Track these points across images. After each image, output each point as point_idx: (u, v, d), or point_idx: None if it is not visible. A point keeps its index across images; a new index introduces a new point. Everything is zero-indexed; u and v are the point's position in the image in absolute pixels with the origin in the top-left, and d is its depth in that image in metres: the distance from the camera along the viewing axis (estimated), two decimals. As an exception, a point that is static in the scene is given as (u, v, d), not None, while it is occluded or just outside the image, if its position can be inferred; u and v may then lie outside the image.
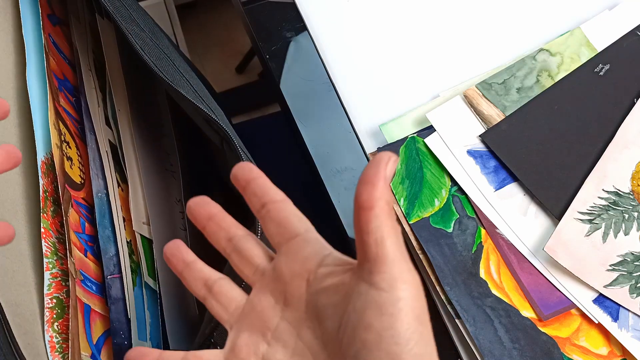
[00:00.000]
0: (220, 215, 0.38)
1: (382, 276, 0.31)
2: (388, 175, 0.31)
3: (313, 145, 0.63)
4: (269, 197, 0.36)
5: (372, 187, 0.31)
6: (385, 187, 0.31)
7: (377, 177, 0.31)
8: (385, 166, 0.31)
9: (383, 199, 0.31)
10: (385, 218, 0.31)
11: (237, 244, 0.37)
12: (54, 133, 0.49)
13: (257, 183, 0.36)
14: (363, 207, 0.31)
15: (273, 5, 0.69)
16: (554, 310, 0.55)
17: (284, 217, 0.35)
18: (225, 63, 1.53)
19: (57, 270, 0.47)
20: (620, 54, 0.62)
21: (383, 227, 0.31)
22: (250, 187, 0.36)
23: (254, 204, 0.36)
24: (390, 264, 0.31)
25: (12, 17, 0.52)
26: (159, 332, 0.51)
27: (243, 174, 0.36)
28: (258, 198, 0.36)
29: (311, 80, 0.66)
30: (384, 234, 0.31)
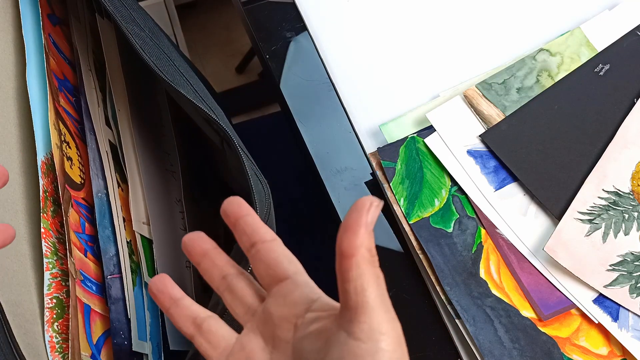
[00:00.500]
0: (214, 252, 0.37)
1: (361, 326, 0.30)
2: (369, 222, 0.31)
3: (313, 145, 0.63)
4: (258, 236, 0.35)
5: (353, 235, 0.30)
6: (366, 234, 0.31)
7: (358, 224, 0.30)
8: (366, 213, 0.31)
9: (363, 246, 0.31)
10: (366, 266, 0.31)
11: (230, 282, 0.37)
12: (54, 133, 0.49)
13: (246, 221, 0.35)
14: (343, 255, 0.31)
15: (273, 5, 0.69)
16: (554, 310, 0.55)
17: (274, 258, 0.35)
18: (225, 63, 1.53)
19: (57, 270, 0.47)
20: (620, 54, 0.62)
21: (363, 275, 0.30)
22: (239, 225, 0.36)
23: (243, 243, 0.36)
24: (369, 313, 0.30)
25: (12, 17, 0.52)
26: (159, 332, 0.51)
27: (232, 210, 0.36)
28: (247, 237, 0.35)
29: (311, 80, 0.66)
30: (364, 282, 0.30)
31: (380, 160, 0.60)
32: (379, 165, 0.60)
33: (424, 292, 0.57)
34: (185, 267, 0.55)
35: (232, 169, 0.52)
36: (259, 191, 0.44)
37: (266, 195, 0.45)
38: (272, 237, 0.35)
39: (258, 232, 0.35)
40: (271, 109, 1.31)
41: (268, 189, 0.46)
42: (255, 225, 0.35)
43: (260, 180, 0.46)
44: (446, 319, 0.56)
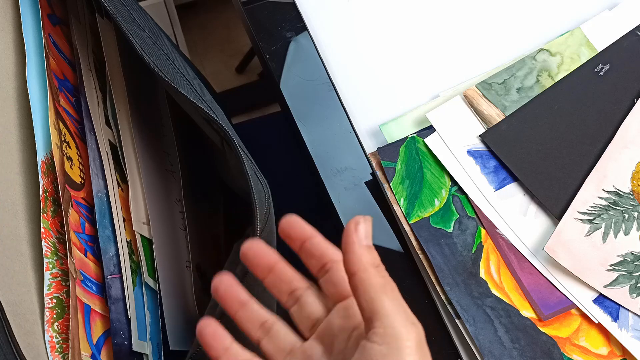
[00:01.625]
0: (280, 266, 0.38)
1: (377, 331, 0.32)
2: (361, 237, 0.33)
3: (313, 145, 0.63)
4: (327, 258, 0.37)
5: (349, 255, 0.33)
6: (362, 249, 0.33)
7: (350, 244, 0.33)
8: (355, 232, 0.33)
9: (362, 261, 0.33)
10: (371, 278, 0.33)
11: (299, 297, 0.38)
12: (54, 133, 0.49)
13: (313, 243, 0.37)
14: (348, 274, 0.33)
15: (273, 5, 0.69)
16: (554, 310, 0.55)
17: (341, 276, 0.36)
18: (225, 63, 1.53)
19: (57, 270, 0.47)
20: (620, 54, 0.62)
21: (370, 287, 0.33)
22: (306, 248, 0.37)
23: (312, 266, 0.37)
24: (383, 319, 0.32)
25: (12, 17, 0.52)
26: (159, 332, 0.51)
27: (296, 233, 0.37)
28: (317, 259, 0.37)
29: (311, 80, 0.66)
30: (372, 292, 0.33)
31: (380, 160, 0.60)
32: (379, 165, 0.60)
33: (424, 292, 0.57)
34: (186, 267, 0.56)
35: (232, 169, 0.52)
36: (259, 191, 0.44)
37: (266, 196, 0.45)
38: (340, 257, 0.37)
39: (327, 253, 0.37)
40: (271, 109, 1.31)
41: (268, 189, 0.46)
42: (322, 247, 0.37)
43: (260, 180, 0.46)
44: (446, 319, 0.56)
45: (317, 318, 0.37)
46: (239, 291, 0.38)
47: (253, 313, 0.37)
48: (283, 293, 0.38)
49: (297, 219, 0.37)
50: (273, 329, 0.37)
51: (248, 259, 0.38)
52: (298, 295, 0.38)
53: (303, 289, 0.38)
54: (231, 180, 0.61)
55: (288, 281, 0.38)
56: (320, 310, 0.37)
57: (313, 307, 0.37)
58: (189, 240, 0.57)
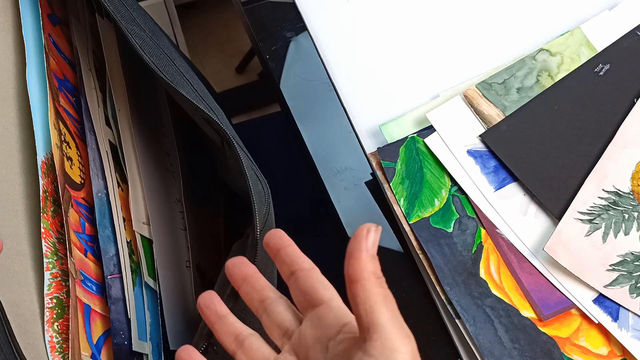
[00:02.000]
0: (254, 277, 0.40)
1: (374, 344, 0.32)
2: (370, 246, 0.33)
3: (313, 145, 0.63)
4: (297, 265, 0.37)
5: (355, 261, 0.33)
6: (368, 258, 0.33)
7: (359, 250, 0.33)
8: (365, 239, 0.33)
9: (367, 269, 0.33)
10: (372, 288, 0.33)
11: (268, 306, 0.39)
12: (54, 133, 0.49)
13: (287, 251, 0.38)
14: (350, 281, 0.33)
15: (273, 5, 0.69)
16: (554, 310, 0.55)
17: (311, 285, 0.37)
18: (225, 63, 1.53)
19: (57, 270, 0.47)
20: (620, 54, 0.62)
21: (371, 297, 0.33)
22: (280, 255, 0.38)
23: (283, 271, 0.38)
24: (381, 332, 0.32)
25: (12, 17, 0.52)
26: (159, 332, 0.51)
27: (274, 242, 0.38)
28: (287, 266, 0.38)
29: (311, 80, 0.66)
30: (372, 303, 0.32)
31: (380, 160, 0.60)
32: (379, 165, 0.60)
33: (424, 292, 0.57)
34: (186, 267, 0.56)
35: (232, 169, 0.52)
36: (259, 191, 0.44)
37: (265, 196, 0.45)
38: (310, 266, 0.38)
39: (297, 261, 0.37)
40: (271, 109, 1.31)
41: (268, 189, 0.46)
42: (294, 255, 0.38)
43: (260, 180, 0.46)
44: (446, 319, 0.56)
45: (287, 327, 0.38)
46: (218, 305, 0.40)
47: (229, 326, 0.39)
48: (254, 301, 0.39)
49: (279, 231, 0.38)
50: (246, 342, 0.38)
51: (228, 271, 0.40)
52: (268, 304, 0.39)
53: (273, 298, 0.39)
54: (231, 180, 0.61)
55: (260, 289, 0.39)
56: (290, 320, 0.38)
57: (283, 316, 0.38)
58: (189, 240, 0.57)
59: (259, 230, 0.43)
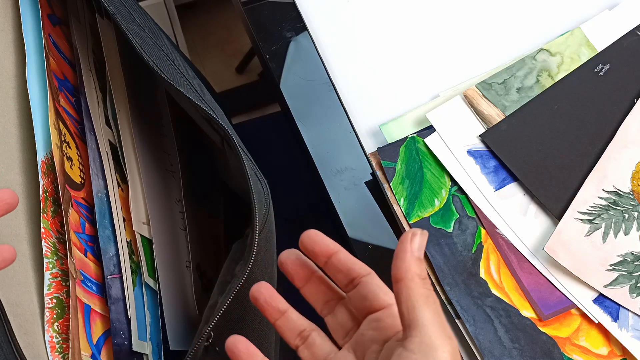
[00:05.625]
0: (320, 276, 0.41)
1: (413, 340, 0.34)
2: (415, 249, 0.35)
3: (313, 145, 0.63)
4: (355, 273, 0.38)
5: (400, 262, 0.35)
6: (412, 259, 0.35)
7: (404, 252, 0.35)
8: (410, 242, 0.35)
9: (411, 270, 0.34)
10: (415, 287, 0.34)
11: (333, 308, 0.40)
12: (54, 133, 0.49)
13: (340, 259, 0.39)
14: (394, 280, 0.35)
15: (273, 5, 0.69)
16: (554, 310, 0.55)
17: (371, 290, 0.38)
18: (225, 63, 1.53)
19: (57, 270, 0.47)
20: (620, 54, 0.62)
21: (412, 296, 0.34)
22: (332, 263, 0.39)
23: (339, 280, 0.39)
24: (420, 329, 0.33)
25: (12, 17, 0.52)
26: (159, 332, 0.51)
27: (320, 249, 0.39)
28: (344, 274, 0.39)
29: (311, 80, 0.66)
30: (414, 302, 0.34)
31: (380, 160, 0.60)
32: (379, 165, 0.60)
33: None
34: (186, 267, 0.56)
35: (232, 169, 0.52)
36: (259, 191, 0.44)
37: (265, 195, 0.45)
38: (367, 271, 0.39)
39: (354, 268, 0.38)
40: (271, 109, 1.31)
41: (267, 189, 0.46)
42: (349, 262, 0.38)
43: (259, 180, 0.46)
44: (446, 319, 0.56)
45: (349, 328, 0.39)
46: (279, 301, 0.40)
47: (291, 322, 0.40)
48: (319, 302, 0.40)
49: (318, 234, 0.39)
50: (310, 337, 0.39)
51: (286, 269, 0.40)
52: (332, 305, 0.40)
53: (337, 300, 0.40)
54: (231, 180, 0.61)
55: (324, 291, 0.40)
56: (350, 321, 0.40)
57: (344, 317, 0.40)
58: (189, 240, 0.57)
59: (259, 230, 0.43)
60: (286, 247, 0.40)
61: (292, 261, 0.40)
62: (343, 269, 0.38)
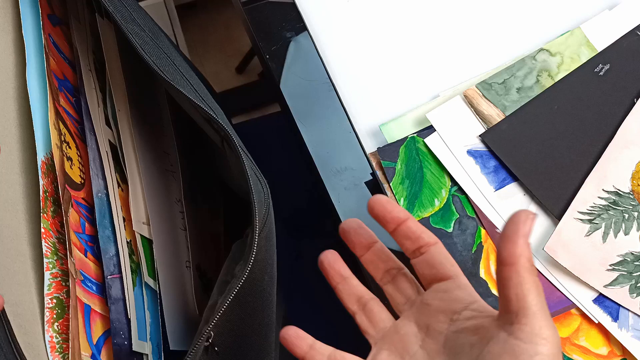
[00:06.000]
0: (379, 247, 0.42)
1: (522, 327, 0.33)
2: (527, 233, 0.33)
3: (313, 145, 0.63)
4: (423, 240, 0.39)
5: (513, 245, 0.33)
6: (525, 244, 0.33)
7: (517, 235, 0.33)
8: (524, 224, 0.33)
9: (524, 255, 0.33)
10: (526, 274, 0.33)
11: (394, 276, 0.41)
12: (54, 133, 0.49)
13: (409, 225, 0.39)
14: (504, 263, 0.33)
15: (273, 5, 0.69)
16: (554, 310, 0.55)
17: (439, 260, 0.39)
18: (225, 63, 1.53)
19: (57, 270, 0.47)
20: (620, 54, 0.62)
21: (524, 283, 0.33)
22: (401, 230, 0.39)
23: (406, 247, 0.39)
24: (530, 317, 0.33)
25: (12, 17, 0.52)
26: (159, 332, 0.51)
27: (392, 217, 0.39)
28: (412, 241, 0.39)
29: (311, 80, 0.66)
30: (525, 289, 0.33)
31: (380, 160, 0.60)
32: (379, 165, 0.60)
33: (424, 292, 0.57)
34: (185, 267, 0.56)
35: (232, 169, 0.52)
36: (259, 191, 0.44)
37: (265, 195, 0.45)
38: (435, 240, 0.39)
39: (422, 236, 0.39)
40: (271, 109, 1.31)
41: (267, 189, 0.46)
42: (418, 230, 0.39)
43: (259, 180, 0.46)
44: (446, 319, 0.56)
45: (409, 295, 0.40)
46: (342, 267, 0.41)
47: (352, 288, 0.41)
48: (379, 270, 0.41)
49: (389, 200, 0.39)
50: (368, 305, 0.40)
51: (349, 237, 0.41)
52: (393, 274, 0.41)
53: (397, 269, 0.41)
54: (231, 180, 0.61)
55: (385, 260, 0.41)
56: (410, 289, 0.40)
57: (405, 285, 0.40)
58: (189, 240, 0.57)
59: (259, 230, 0.43)
60: (286, 247, 0.40)
61: (354, 230, 0.41)
62: (412, 237, 0.39)
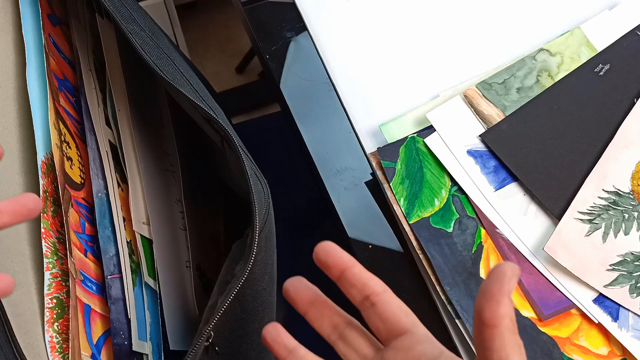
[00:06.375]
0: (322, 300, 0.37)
1: None
2: (511, 290, 0.31)
3: (313, 145, 0.63)
4: (370, 289, 0.36)
5: (496, 305, 0.31)
6: (509, 303, 0.31)
7: (501, 294, 0.31)
8: (507, 282, 0.31)
9: (507, 316, 0.31)
10: (509, 335, 0.31)
11: (342, 332, 0.37)
12: (54, 133, 0.49)
13: (354, 272, 0.36)
14: (487, 325, 0.31)
15: (273, 5, 0.69)
16: (554, 310, 0.55)
17: (391, 312, 0.35)
18: (225, 63, 1.53)
19: (57, 270, 0.47)
20: (620, 54, 0.62)
21: (507, 345, 0.31)
22: (346, 277, 0.36)
23: (353, 296, 0.36)
24: None
25: (12, 17, 0.52)
26: (159, 332, 0.51)
27: (334, 261, 0.36)
28: (358, 290, 0.36)
29: (311, 80, 0.66)
30: (508, 352, 0.31)
31: (380, 160, 0.60)
32: (379, 165, 0.60)
33: (424, 292, 0.57)
34: (186, 267, 0.56)
35: (232, 169, 0.52)
36: (259, 191, 0.44)
37: (265, 195, 0.45)
38: (384, 289, 0.36)
39: (369, 284, 0.36)
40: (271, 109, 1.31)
41: (267, 189, 0.46)
42: (364, 278, 0.36)
43: (260, 180, 0.46)
44: (446, 319, 0.56)
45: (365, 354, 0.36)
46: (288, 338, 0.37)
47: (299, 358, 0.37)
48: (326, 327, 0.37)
49: (333, 246, 0.36)
50: None
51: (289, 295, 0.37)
52: (341, 329, 0.37)
53: (346, 323, 0.37)
54: (231, 180, 0.61)
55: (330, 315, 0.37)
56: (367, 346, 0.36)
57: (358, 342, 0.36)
58: (189, 240, 0.57)
59: (259, 230, 0.43)
60: (286, 247, 0.39)
61: (295, 286, 0.37)
62: (358, 284, 0.36)
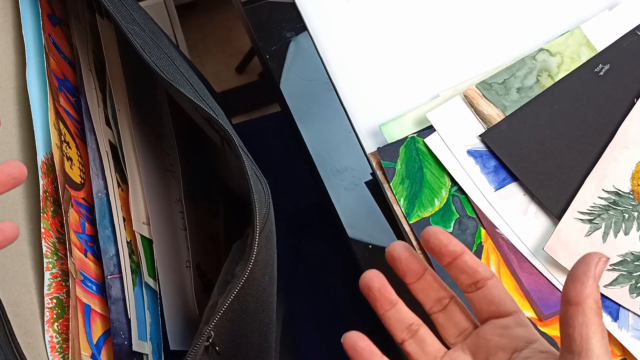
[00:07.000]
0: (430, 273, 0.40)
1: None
2: (597, 275, 0.33)
3: (313, 145, 0.63)
4: (480, 275, 0.38)
5: (581, 285, 0.33)
6: (594, 285, 0.33)
7: (587, 276, 0.33)
8: (595, 266, 0.33)
9: (592, 297, 0.33)
10: (593, 316, 0.33)
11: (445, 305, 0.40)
12: (54, 133, 0.49)
13: (466, 260, 0.38)
14: (571, 302, 0.33)
15: (273, 5, 0.69)
16: (554, 310, 0.55)
17: (497, 296, 0.38)
18: (225, 63, 1.53)
19: (57, 270, 0.47)
20: (620, 54, 0.62)
21: (590, 324, 0.33)
22: (457, 265, 0.38)
23: (461, 280, 0.39)
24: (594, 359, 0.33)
25: (12, 17, 0.52)
26: (159, 332, 0.51)
27: (448, 250, 0.38)
28: (467, 276, 0.38)
29: (311, 80, 0.66)
30: (590, 331, 0.33)
31: (380, 160, 0.60)
32: (379, 165, 0.60)
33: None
34: (186, 267, 0.56)
35: (232, 169, 0.52)
36: (259, 191, 0.44)
37: (266, 195, 0.45)
38: (492, 274, 0.38)
39: (478, 270, 0.38)
40: (271, 109, 1.31)
41: (268, 189, 0.46)
42: (475, 264, 0.38)
43: (260, 180, 0.46)
44: (446, 319, 0.56)
45: (463, 327, 0.39)
46: (390, 292, 0.39)
47: (401, 314, 0.39)
48: (430, 299, 0.40)
49: (444, 233, 0.38)
50: (419, 332, 0.39)
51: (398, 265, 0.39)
52: (445, 303, 0.40)
53: (448, 298, 0.40)
54: (231, 180, 0.61)
55: (437, 288, 0.40)
56: (465, 321, 0.39)
57: (459, 317, 0.40)
58: (189, 240, 0.57)
59: (259, 231, 0.43)
60: (286, 247, 0.40)
61: (405, 258, 0.39)
62: (469, 271, 0.38)
